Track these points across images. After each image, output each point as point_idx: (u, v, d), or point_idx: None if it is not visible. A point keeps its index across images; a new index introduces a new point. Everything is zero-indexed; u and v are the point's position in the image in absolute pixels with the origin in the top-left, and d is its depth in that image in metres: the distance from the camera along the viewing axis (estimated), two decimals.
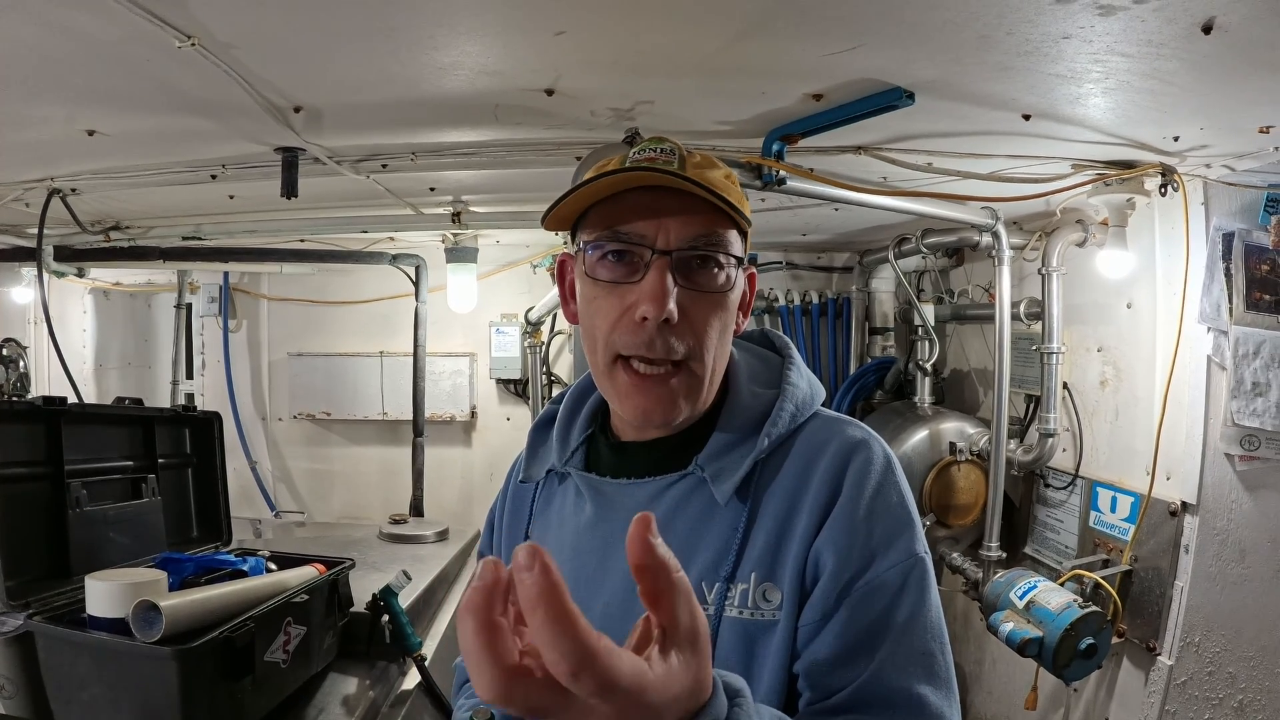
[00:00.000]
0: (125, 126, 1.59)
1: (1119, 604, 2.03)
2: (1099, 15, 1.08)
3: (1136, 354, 2.14)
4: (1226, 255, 1.91)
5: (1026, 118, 1.53)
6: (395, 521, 2.54)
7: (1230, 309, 1.90)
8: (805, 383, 0.84)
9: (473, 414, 3.44)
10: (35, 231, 2.20)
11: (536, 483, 0.92)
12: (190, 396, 3.42)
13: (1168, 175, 1.82)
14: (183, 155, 1.83)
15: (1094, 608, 1.91)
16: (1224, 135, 1.62)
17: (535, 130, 1.65)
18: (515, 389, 3.44)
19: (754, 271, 0.85)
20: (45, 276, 2.39)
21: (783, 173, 1.69)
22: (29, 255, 2.56)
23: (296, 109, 1.49)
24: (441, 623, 1.91)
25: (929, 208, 2.11)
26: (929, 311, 2.74)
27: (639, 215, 0.74)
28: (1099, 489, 2.23)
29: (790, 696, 0.71)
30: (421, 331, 2.98)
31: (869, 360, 3.10)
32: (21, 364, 3.06)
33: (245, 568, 1.39)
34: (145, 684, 1.07)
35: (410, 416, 3.05)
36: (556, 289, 0.88)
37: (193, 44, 1.14)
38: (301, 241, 2.92)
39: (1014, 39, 1.17)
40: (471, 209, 2.51)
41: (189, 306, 3.41)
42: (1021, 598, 2.01)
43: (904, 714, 0.67)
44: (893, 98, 1.38)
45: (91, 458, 1.49)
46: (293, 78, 1.35)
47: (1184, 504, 1.94)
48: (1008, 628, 1.98)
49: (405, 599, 1.65)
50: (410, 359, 3.05)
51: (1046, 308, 2.27)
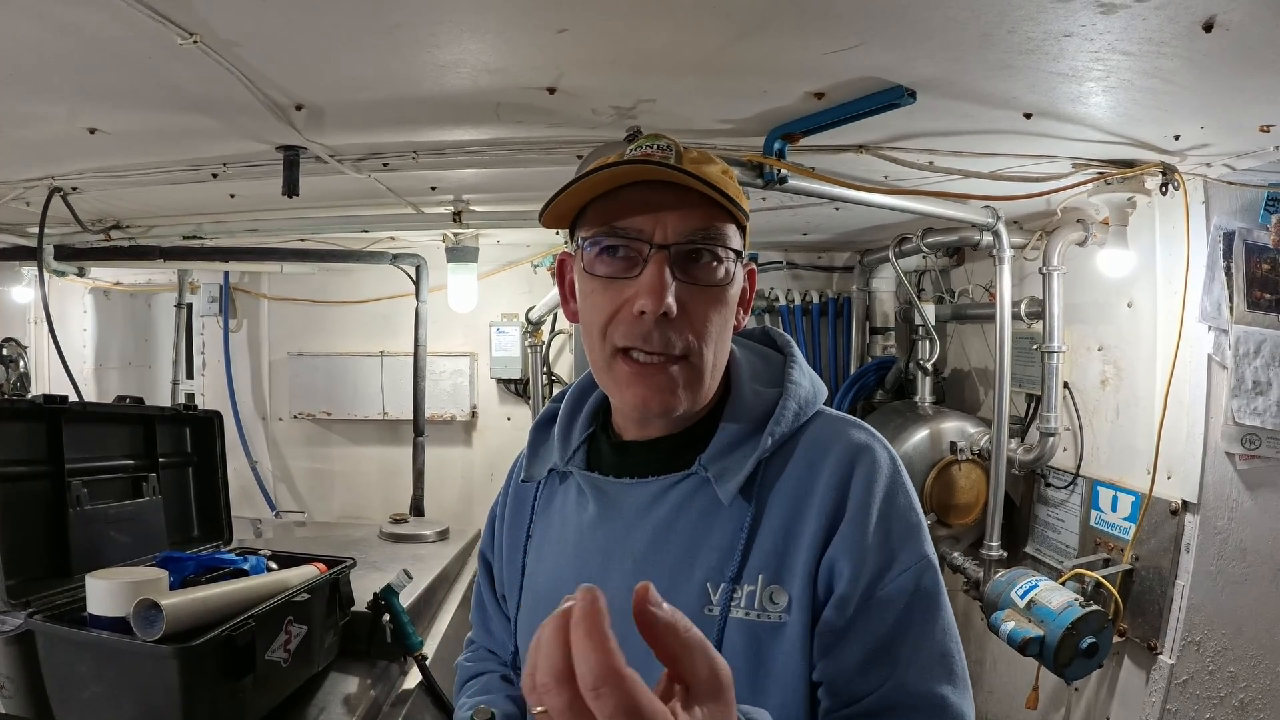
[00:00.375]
0: (126, 124, 1.59)
1: (1120, 603, 2.03)
2: (1100, 13, 1.08)
3: (1137, 353, 2.14)
4: (1227, 254, 1.91)
5: (1028, 116, 1.53)
6: (396, 521, 2.54)
7: (1231, 308, 1.90)
8: (807, 381, 0.83)
9: (473, 414, 3.44)
10: (36, 230, 2.20)
11: (538, 482, 0.91)
12: (190, 396, 3.42)
13: (1168, 174, 1.82)
14: (184, 154, 1.83)
15: (1095, 607, 1.91)
16: (1225, 134, 1.62)
17: (537, 129, 1.65)
18: (516, 389, 3.44)
19: (754, 268, 0.84)
20: (46, 276, 2.39)
21: (784, 171, 1.69)
22: (29, 254, 2.55)
23: (298, 107, 1.49)
24: (442, 622, 1.91)
25: (930, 207, 2.11)
26: (929, 311, 2.74)
27: (636, 210, 0.74)
28: (1100, 488, 2.23)
29: (803, 700, 0.71)
30: (422, 331, 2.98)
31: (869, 360, 3.10)
32: (22, 363, 3.06)
33: (246, 567, 1.39)
34: (146, 683, 1.07)
35: (411, 416, 3.05)
36: (557, 289, 0.88)
37: (195, 42, 1.14)
38: (302, 241, 2.92)
39: (1015, 37, 1.17)
40: (472, 208, 2.51)
41: (189, 306, 3.40)
42: (1022, 597, 2.01)
43: (928, 716, 0.68)
44: (894, 96, 1.38)
45: (92, 456, 1.49)
46: (295, 76, 1.35)
47: (1185, 503, 1.94)
48: (1009, 627, 1.98)
49: (406, 598, 1.65)
50: (411, 359, 3.05)
51: (1047, 307, 2.27)
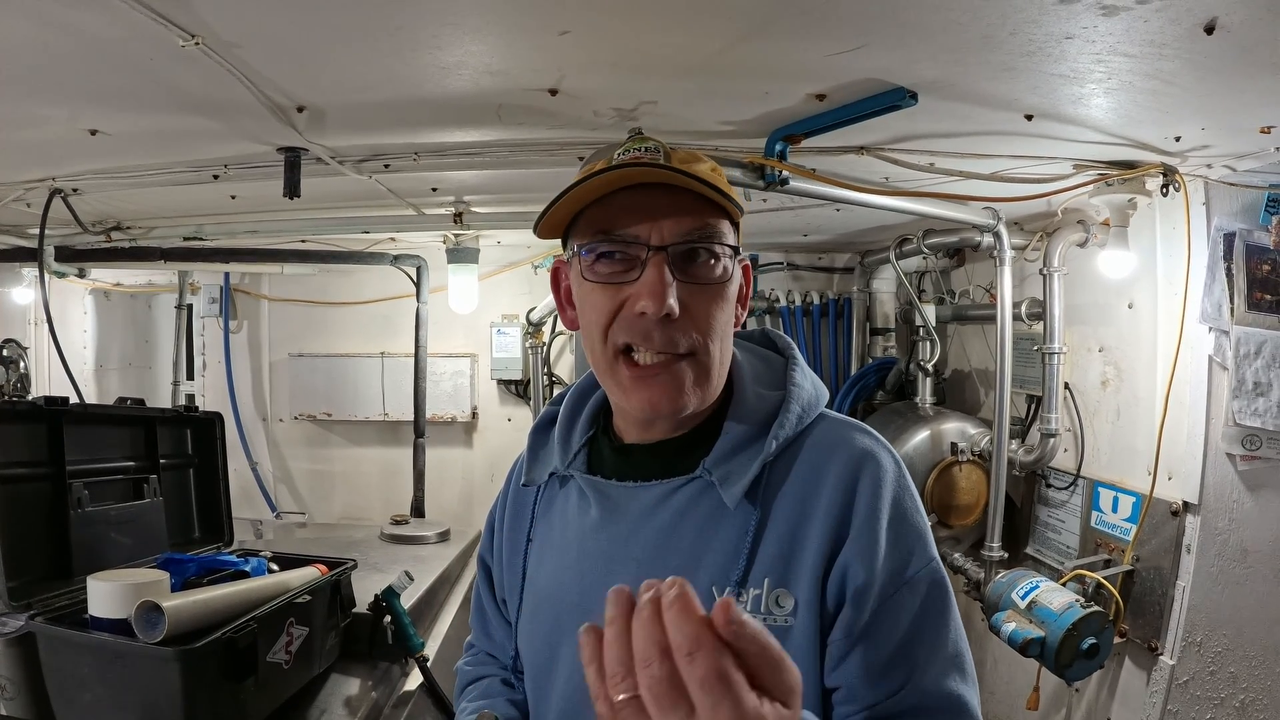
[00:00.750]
0: (127, 126, 1.59)
1: (1121, 604, 2.03)
2: (1102, 15, 1.08)
3: (1138, 354, 2.14)
4: (1228, 255, 1.91)
5: (1029, 118, 1.52)
6: (396, 522, 2.54)
7: (1231, 309, 1.90)
8: (809, 384, 0.83)
9: (474, 415, 3.44)
10: (36, 232, 2.20)
11: (538, 486, 0.91)
12: (191, 397, 3.42)
13: (1169, 175, 1.82)
14: (185, 155, 1.83)
15: (1096, 608, 1.91)
16: (1225, 135, 1.62)
17: (538, 130, 1.65)
18: (516, 390, 3.44)
19: (749, 264, 0.85)
20: (46, 277, 2.39)
21: (785, 173, 1.69)
22: (30, 255, 2.55)
23: (300, 108, 1.49)
24: (444, 623, 1.91)
25: (930, 208, 2.11)
26: (930, 312, 2.74)
27: (630, 214, 0.74)
28: (1100, 489, 2.23)
29: (814, 703, 0.71)
30: (422, 332, 2.98)
31: (870, 361, 3.10)
32: (22, 364, 3.06)
33: (247, 568, 1.39)
34: (148, 685, 1.07)
35: (411, 417, 3.05)
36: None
37: (196, 43, 1.14)
38: (303, 242, 2.92)
39: (1017, 39, 1.17)
40: (473, 209, 2.51)
41: (190, 307, 3.40)
42: (1023, 598, 2.01)
43: (947, 716, 0.69)
44: (895, 98, 1.38)
45: (93, 458, 1.49)
46: (296, 77, 1.35)
47: (1185, 504, 1.94)
48: (1009, 628, 1.98)
49: (407, 600, 1.65)
50: (411, 360, 3.05)
51: (1048, 308, 2.27)
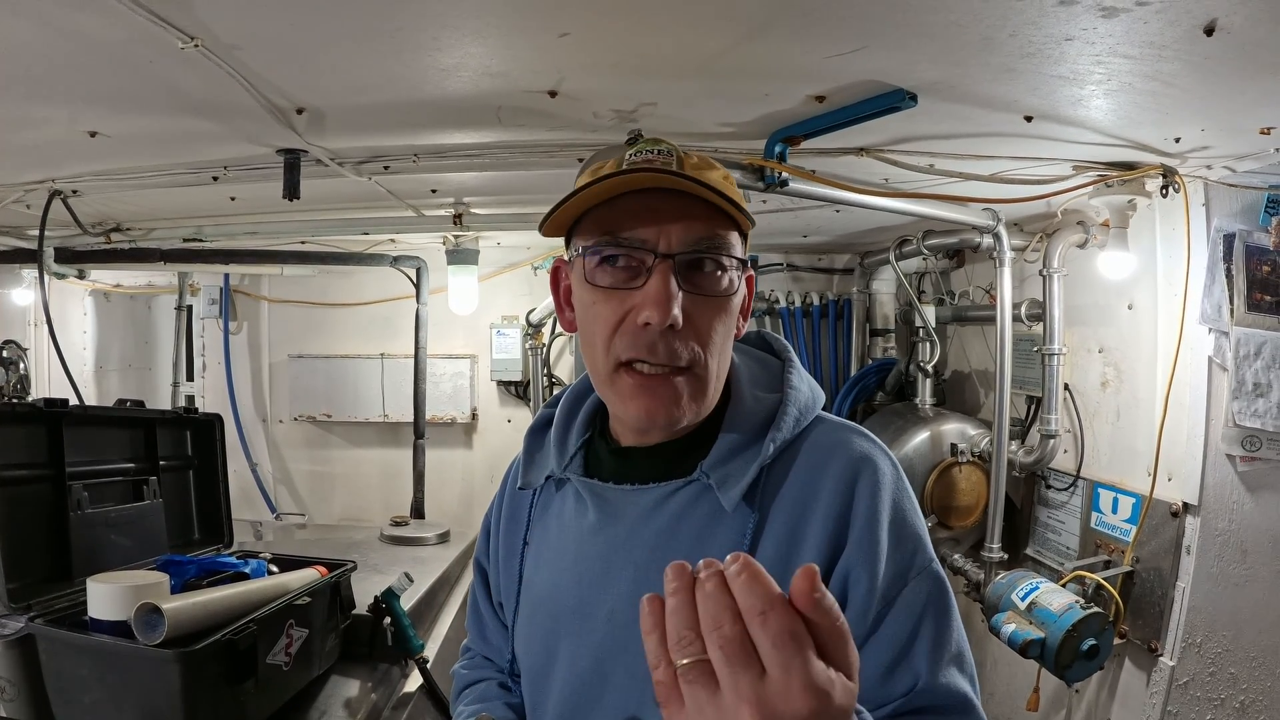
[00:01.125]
0: (127, 128, 1.59)
1: (1121, 605, 2.03)
2: (1102, 17, 1.08)
3: (1138, 355, 2.14)
4: (1227, 256, 1.91)
5: (1028, 119, 1.53)
6: (396, 523, 2.54)
7: (1231, 310, 1.90)
8: (806, 386, 0.83)
9: (473, 416, 3.44)
10: (36, 233, 2.20)
11: (534, 489, 0.90)
12: (191, 398, 3.41)
13: (1169, 176, 1.82)
14: (184, 157, 1.83)
15: (1096, 609, 1.91)
16: (1225, 136, 1.62)
17: (538, 132, 1.65)
18: (516, 391, 3.44)
19: (752, 274, 0.84)
20: (46, 278, 2.39)
21: (785, 174, 1.69)
22: (30, 257, 2.55)
23: (299, 110, 1.49)
24: (443, 625, 1.91)
25: (930, 209, 2.11)
26: (930, 313, 2.74)
27: (638, 219, 0.72)
28: (1100, 490, 2.23)
29: None
30: (422, 333, 2.98)
31: (870, 362, 3.10)
32: (22, 366, 3.06)
33: (247, 570, 1.39)
34: (147, 687, 1.07)
35: (411, 418, 3.05)
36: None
37: (196, 45, 1.14)
38: (302, 243, 2.92)
39: (1017, 41, 1.17)
40: (473, 211, 2.51)
41: (189, 308, 3.40)
42: (1023, 599, 2.01)
43: (954, 715, 0.69)
44: (895, 100, 1.38)
45: (93, 460, 1.49)
46: (296, 79, 1.35)
47: (1185, 505, 1.94)
48: (1009, 629, 1.98)
49: (407, 601, 1.65)
50: (411, 361, 3.05)
51: (1047, 309, 2.27)
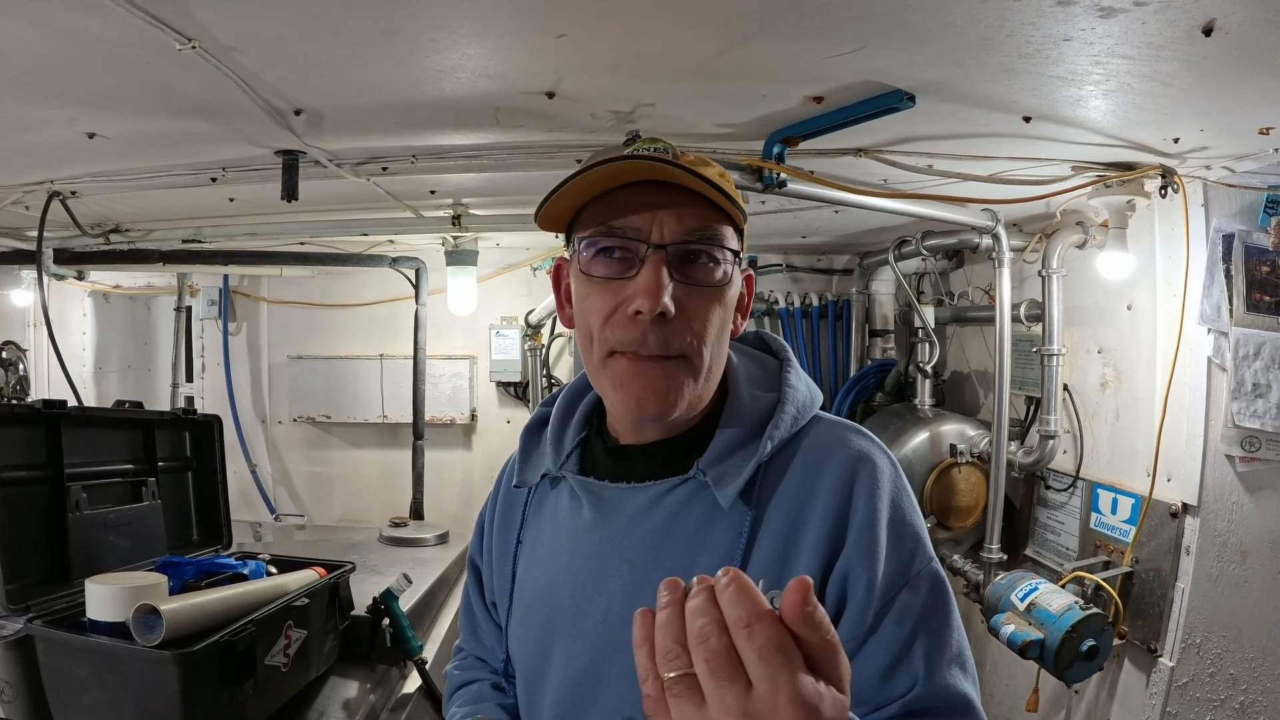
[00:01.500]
0: (126, 129, 1.59)
1: (1120, 606, 2.03)
2: (1100, 17, 1.08)
3: (1137, 356, 2.14)
4: (1226, 257, 1.91)
5: (1027, 120, 1.53)
6: (395, 524, 2.54)
7: (1230, 310, 1.90)
8: (804, 385, 0.83)
9: (473, 417, 3.44)
10: (35, 234, 2.20)
11: (529, 487, 0.90)
12: (190, 399, 3.42)
13: (1168, 177, 1.82)
14: (183, 158, 1.83)
15: (1095, 609, 1.91)
16: (1224, 137, 1.62)
17: (536, 133, 1.65)
18: (515, 392, 3.44)
19: (751, 274, 0.84)
20: (45, 279, 2.39)
21: (783, 175, 1.69)
22: (29, 258, 2.55)
23: (297, 112, 1.49)
24: (442, 626, 1.91)
25: (929, 210, 2.11)
26: (929, 313, 2.74)
27: (633, 210, 0.74)
28: (1100, 491, 2.23)
29: None
30: (421, 334, 2.98)
31: (869, 362, 3.10)
32: (21, 367, 3.06)
33: (245, 571, 1.39)
34: (146, 688, 1.07)
35: (410, 419, 3.04)
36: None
37: (193, 47, 1.14)
38: (301, 244, 2.92)
39: (1015, 41, 1.17)
40: (472, 212, 2.51)
41: (189, 309, 3.40)
42: (1022, 600, 2.01)
43: (954, 715, 0.69)
44: (893, 100, 1.38)
45: (91, 461, 1.50)
46: (293, 80, 1.35)
47: (1185, 505, 1.94)
48: (1009, 630, 1.98)
49: (406, 602, 1.65)
50: (410, 362, 3.05)
51: (1047, 309, 2.27)
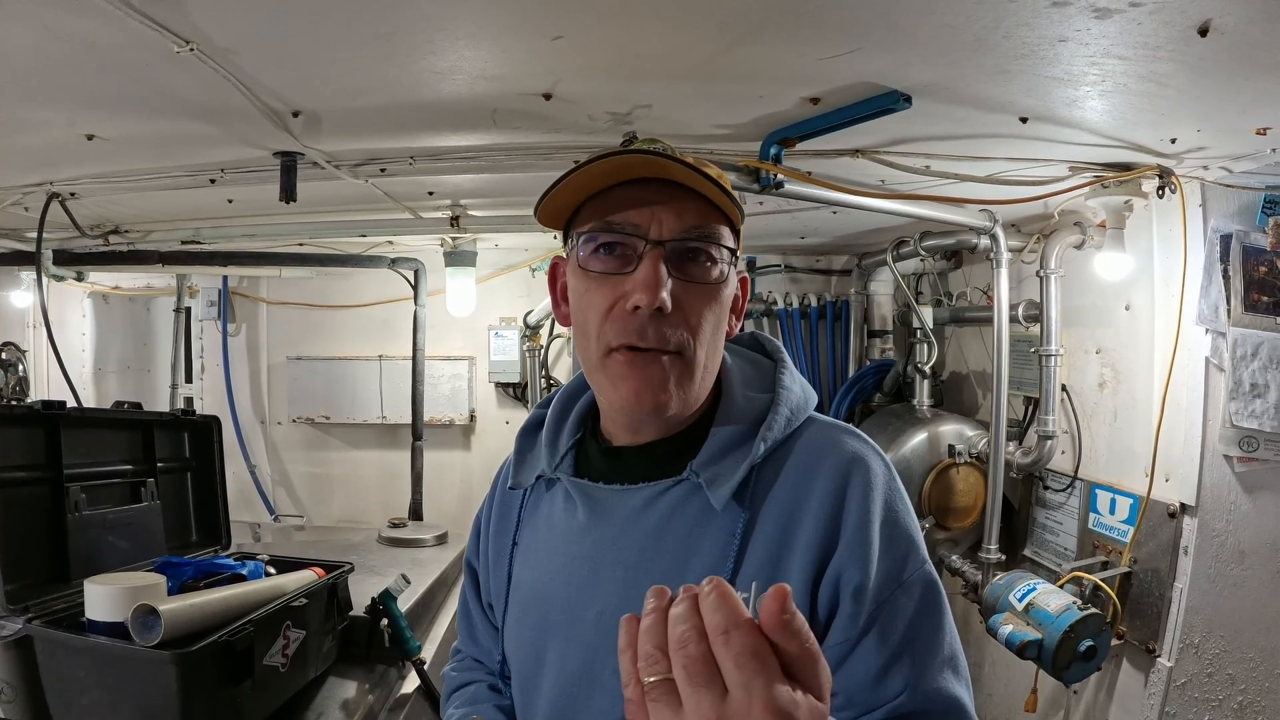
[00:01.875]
0: (124, 131, 1.60)
1: (1118, 606, 2.03)
2: (1095, 18, 1.08)
3: (1135, 356, 2.14)
4: (1224, 257, 1.91)
5: (1024, 120, 1.53)
6: (394, 525, 2.54)
7: (1228, 310, 1.90)
8: (798, 387, 0.84)
9: (472, 417, 3.44)
10: (34, 235, 2.20)
11: (524, 489, 0.90)
12: (189, 400, 3.42)
13: (1165, 177, 1.82)
14: (182, 160, 1.83)
15: (1093, 610, 1.91)
16: (1221, 137, 1.62)
17: (533, 134, 1.65)
18: (514, 392, 3.45)
19: (747, 276, 0.85)
20: (44, 280, 2.39)
21: (780, 176, 1.69)
22: (28, 259, 2.55)
23: (295, 114, 1.49)
24: (441, 626, 1.91)
25: (927, 210, 2.12)
26: (927, 314, 2.74)
27: (632, 207, 0.75)
28: (1098, 491, 2.23)
29: None
30: (420, 335, 2.98)
31: (868, 363, 3.10)
32: (20, 367, 3.06)
33: (244, 571, 1.40)
34: (145, 688, 1.07)
35: (409, 420, 3.04)
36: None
37: (191, 49, 1.14)
38: (300, 245, 2.92)
39: (1010, 42, 1.17)
40: (470, 213, 2.51)
41: (188, 310, 3.41)
42: (1021, 600, 2.01)
43: (945, 719, 0.70)
44: (889, 101, 1.38)
45: (90, 462, 1.50)
46: (291, 83, 1.35)
47: (1183, 505, 1.94)
48: (1007, 630, 1.98)
49: (404, 603, 1.65)
50: (409, 362, 3.05)
51: (1045, 310, 2.27)
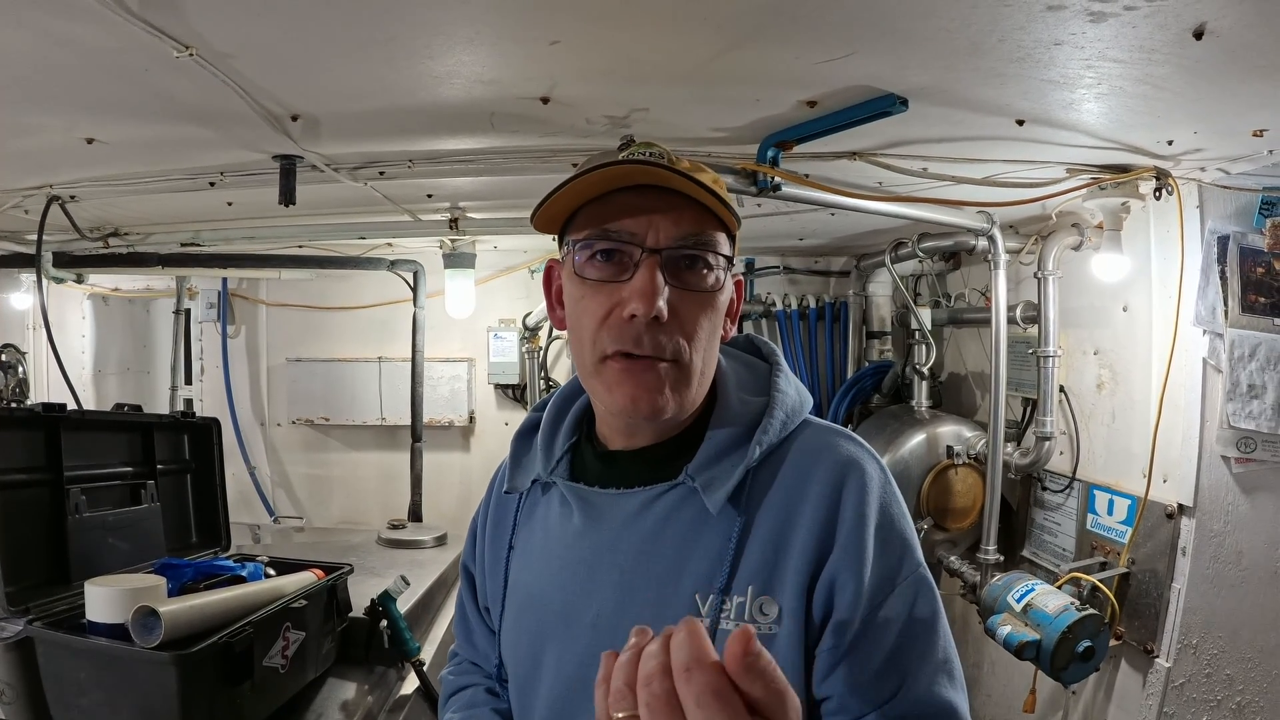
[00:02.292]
0: (124, 135, 1.60)
1: (1116, 606, 2.03)
2: (1090, 22, 1.09)
3: (1133, 357, 2.15)
4: (1221, 258, 1.91)
5: (1020, 123, 1.53)
6: (394, 526, 2.55)
7: (1225, 312, 1.90)
8: (794, 390, 0.84)
9: (471, 419, 3.45)
10: (34, 238, 2.21)
11: (520, 493, 0.90)
12: (189, 402, 3.43)
13: (1162, 179, 1.82)
14: (181, 163, 1.84)
15: (1091, 610, 1.92)
16: (1218, 139, 1.63)
17: (531, 138, 1.66)
18: (513, 394, 3.45)
19: (740, 279, 0.85)
20: (44, 282, 2.40)
21: (778, 179, 1.70)
22: (28, 261, 2.57)
23: (294, 117, 1.50)
24: (440, 627, 1.92)
25: (924, 212, 2.12)
26: (926, 315, 2.74)
27: (628, 214, 0.74)
28: (1096, 492, 2.23)
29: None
30: (420, 337, 2.99)
31: (866, 364, 3.10)
32: (20, 369, 3.07)
33: (244, 573, 1.40)
34: (145, 689, 1.08)
35: (409, 422, 3.05)
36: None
37: (190, 54, 1.15)
38: (300, 247, 2.93)
39: (1006, 46, 1.18)
40: (469, 215, 2.52)
41: (188, 312, 3.42)
42: (1019, 601, 2.02)
43: None
44: (886, 104, 1.39)
45: (91, 464, 1.50)
46: (290, 87, 1.36)
47: (1181, 506, 1.94)
48: (1005, 631, 1.99)
49: (404, 604, 1.66)
50: (408, 364, 3.06)
51: (1042, 311, 2.27)
